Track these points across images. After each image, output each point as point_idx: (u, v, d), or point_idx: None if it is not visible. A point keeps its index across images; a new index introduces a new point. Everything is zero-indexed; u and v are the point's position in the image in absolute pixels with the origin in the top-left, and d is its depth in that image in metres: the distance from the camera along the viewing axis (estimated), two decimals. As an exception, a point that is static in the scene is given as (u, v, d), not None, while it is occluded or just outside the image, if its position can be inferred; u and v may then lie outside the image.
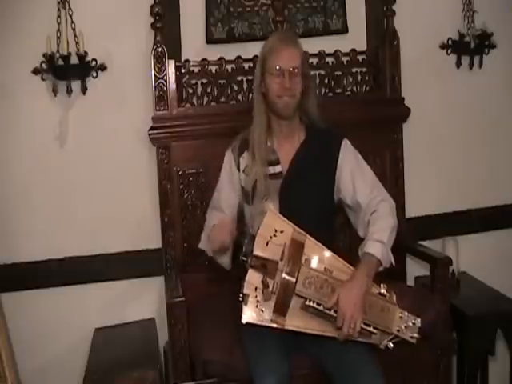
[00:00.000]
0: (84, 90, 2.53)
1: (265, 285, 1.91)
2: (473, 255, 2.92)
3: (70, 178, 2.58)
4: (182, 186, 2.57)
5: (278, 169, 2.17)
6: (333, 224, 2.31)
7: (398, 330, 1.95)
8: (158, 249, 2.60)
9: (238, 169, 2.23)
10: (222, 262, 2.15)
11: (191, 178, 2.58)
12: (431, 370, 2.31)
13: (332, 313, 1.91)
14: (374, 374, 1.92)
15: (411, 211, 2.81)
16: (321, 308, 1.92)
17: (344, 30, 2.77)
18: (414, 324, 1.95)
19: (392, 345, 1.96)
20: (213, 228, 2.06)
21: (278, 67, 2.08)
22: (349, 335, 1.91)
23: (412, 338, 1.96)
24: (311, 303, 1.92)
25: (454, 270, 2.75)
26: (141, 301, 2.67)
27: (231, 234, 1.99)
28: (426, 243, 2.73)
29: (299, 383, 2.03)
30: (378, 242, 2.02)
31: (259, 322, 1.92)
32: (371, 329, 1.93)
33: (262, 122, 2.15)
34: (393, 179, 2.73)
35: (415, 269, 2.83)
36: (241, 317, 1.91)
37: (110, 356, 2.37)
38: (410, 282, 2.82)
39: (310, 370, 2.07)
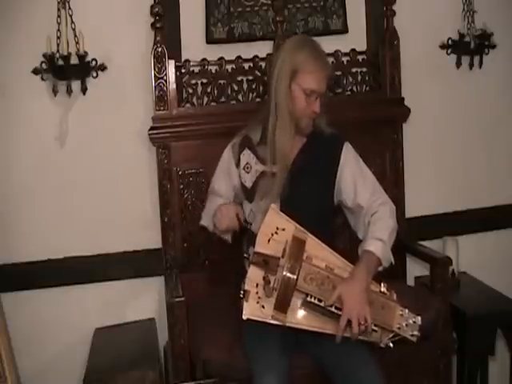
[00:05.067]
0: (84, 90, 2.53)
1: (266, 281, 1.91)
2: (473, 255, 2.93)
3: (70, 178, 2.58)
4: (181, 186, 2.57)
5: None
6: (332, 225, 2.30)
7: (399, 328, 1.94)
8: (157, 249, 2.60)
9: (237, 166, 2.22)
10: (225, 237, 2.16)
11: (191, 178, 2.58)
12: (431, 370, 2.31)
13: (333, 309, 1.92)
14: (373, 373, 1.92)
15: (411, 211, 2.81)
16: (322, 304, 1.92)
17: (344, 29, 2.77)
18: (414, 322, 1.95)
19: (392, 344, 1.96)
20: (219, 209, 2.07)
21: (312, 89, 2.05)
22: (361, 332, 1.91)
23: (412, 336, 1.95)
24: (312, 299, 1.92)
25: (453, 270, 2.75)
26: (141, 301, 2.67)
27: (238, 217, 2.03)
28: (426, 243, 2.74)
29: (299, 383, 2.03)
30: (378, 241, 2.03)
31: (260, 319, 1.92)
32: (372, 326, 1.93)
33: (290, 129, 2.09)
34: (393, 179, 2.73)
35: (415, 269, 2.83)
36: (241, 313, 1.91)
37: (110, 356, 2.37)
38: (410, 282, 2.82)
39: (310, 369, 2.07)
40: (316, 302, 1.92)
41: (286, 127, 2.09)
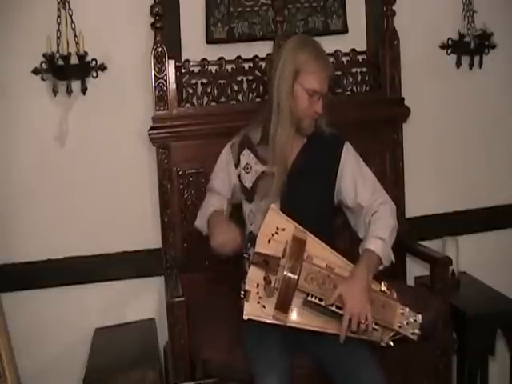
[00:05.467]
0: (84, 90, 2.53)
1: (267, 281, 1.91)
2: (473, 255, 2.93)
3: (70, 178, 2.58)
4: (181, 186, 2.57)
5: None
6: (332, 225, 2.31)
7: (400, 326, 1.94)
8: (157, 249, 2.60)
9: (237, 166, 2.22)
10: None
11: (191, 178, 2.58)
12: (431, 370, 2.31)
13: (334, 308, 1.92)
14: (374, 373, 1.91)
15: (411, 211, 2.81)
16: (323, 303, 1.92)
17: (344, 29, 2.77)
18: (415, 320, 1.95)
19: (393, 343, 1.96)
20: (215, 228, 2.05)
21: (314, 89, 2.05)
22: (363, 330, 1.91)
23: (413, 334, 1.95)
24: (313, 299, 1.92)
25: (454, 270, 2.75)
26: (141, 301, 2.67)
27: (237, 242, 2.00)
28: (425, 243, 2.73)
29: (299, 383, 2.03)
30: (378, 239, 2.03)
31: (261, 319, 1.92)
32: (373, 325, 1.93)
33: (289, 129, 2.09)
34: (393, 179, 2.73)
35: (415, 269, 2.83)
36: (242, 314, 1.91)
37: (110, 356, 2.37)
38: (410, 282, 2.82)
39: (310, 369, 2.07)
40: (317, 301, 1.92)
41: (286, 127, 2.09)
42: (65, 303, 2.61)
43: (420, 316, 1.96)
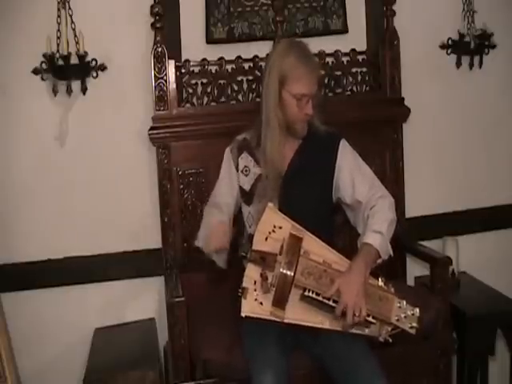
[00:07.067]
0: (84, 90, 2.53)
1: (263, 278, 1.92)
2: (473, 255, 2.93)
3: (70, 178, 2.58)
4: (181, 186, 2.58)
5: None
6: (332, 224, 2.31)
7: (397, 320, 1.94)
8: (157, 249, 2.60)
9: (237, 169, 2.22)
10: (218, 260, 2.13)
11: (191, 178, 2.58)
12: (431, 370, 2.31)
13: (331, 303, 1.92)
14: (373, 368, 1.92)
15: (411, 211, 2.81)
16: (320, 298, 1.92)
17: (344, 29, 2.77)
18: (412, 314, 1.95)
19: (391, 339, 1.95)
20: (209, 230, 2.05)
21: (302, 93, 2.04)
22: (355, 324, 1.91)
23: (411, 328, 1.94)
24: (310, 293, 1.92)
25: (453, 270, 2.75)
26: (141, 301, 2.67)
27: (227, 237, 1.98)
28: (425, 243, 2.73)
29: (298, 382, 2.03)
30: (376, 233, 2.02)
31: (258, 316, 1.92)
32: (370, 318, 1.93)
33: (278, 138, 2.09)
34: (393, 179, 2.73)
35: (415, 269, 2.83)
36: (240, 311, 1.91)
37: (110, 356, 2.37)
38: (410, 281, 2.82)
39: (310, 369, 2.07)
40: (314, 295, 1.92)
41: (275, 136, 2.09)
42: (65, 303, 2.61)
43: (418, 309, 1.95)
